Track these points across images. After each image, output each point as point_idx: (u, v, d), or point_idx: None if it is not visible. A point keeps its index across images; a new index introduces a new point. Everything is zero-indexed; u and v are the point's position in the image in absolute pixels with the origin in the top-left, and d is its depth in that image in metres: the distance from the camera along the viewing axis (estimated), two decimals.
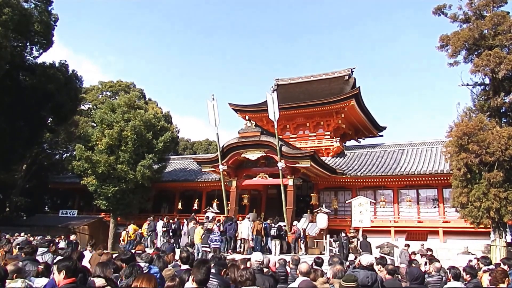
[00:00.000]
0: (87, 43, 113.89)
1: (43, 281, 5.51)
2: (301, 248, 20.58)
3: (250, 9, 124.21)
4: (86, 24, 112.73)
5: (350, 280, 5.36)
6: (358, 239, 19.34)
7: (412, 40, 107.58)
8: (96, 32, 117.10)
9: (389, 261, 9.43)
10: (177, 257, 9.66)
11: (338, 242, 18.90)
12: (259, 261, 6.37)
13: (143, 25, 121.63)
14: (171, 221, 21.97)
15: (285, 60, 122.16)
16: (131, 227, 22.27)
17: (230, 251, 18.86)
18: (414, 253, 17.84)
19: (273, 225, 19.75)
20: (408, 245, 18.67)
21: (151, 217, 23.27)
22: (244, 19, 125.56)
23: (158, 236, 21.80)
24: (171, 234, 21.12)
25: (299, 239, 20.51)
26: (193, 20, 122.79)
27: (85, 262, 8.66)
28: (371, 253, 17.60)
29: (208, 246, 16.71)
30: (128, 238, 21.73)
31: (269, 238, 19.72)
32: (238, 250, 19.66)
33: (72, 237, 19.47)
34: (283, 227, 20.25)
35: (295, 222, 21.54)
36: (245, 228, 19.52)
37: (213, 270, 5.35)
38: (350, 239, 18.77)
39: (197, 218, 22.96)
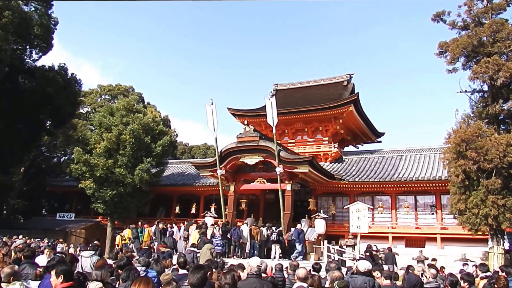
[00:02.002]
0: (87, 46, 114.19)
1: None
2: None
3: (250, 15, 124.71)
4: (86, 27, 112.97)
5: (343, 285, 5.69)
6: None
7: (411, 47, 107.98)
8: (96, 35, 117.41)
9: (385, 267, 9.44)
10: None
11: (368, 253, 18.95)
12: (259, 266, 6.37)
13: (144, 30, 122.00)
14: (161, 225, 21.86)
15: (284, 65, 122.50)
16: (127, 231, 22.20)
17: (235, 256, 19.04)
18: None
19: (274, 229, 19.82)
20: (466, 264, 17.32)
21: (140, 222, 23.25)
22: (244, 25, 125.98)
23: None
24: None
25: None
26: (192, 25, 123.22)
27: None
28: (395, 265, 17.75)
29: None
30: (123, 242, 21.65)
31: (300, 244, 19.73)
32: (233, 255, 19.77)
33: (95, 242, 19.11)
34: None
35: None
36: (244, 233, 19.63)
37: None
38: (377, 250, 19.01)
39: (198, 222, 23.10)
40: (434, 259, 17.66)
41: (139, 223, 23.07)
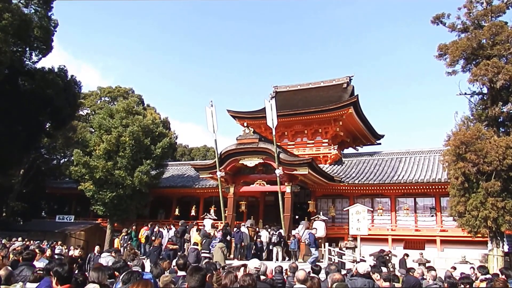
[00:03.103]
0: (88, 47, 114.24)
1: None
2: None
3: (250, 18, 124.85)
4: (87, 29, 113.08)
5: (342, 286, 5.78)
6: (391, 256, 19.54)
7: (411, 49, 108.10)
8: (97, 37, 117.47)
9: (384, 270, 9.45)
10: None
11: (378, 259, 18.88)
12: (258, 268, 6.38)
13: (144, 32, 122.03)
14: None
15: (283, 67, 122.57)
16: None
17: (237, 257, 19.08)
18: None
19: (274, 231, 19.84)
20: (454, 268, 16.51)
21: (133, 225, 23.19)
22: (244, 27, 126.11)
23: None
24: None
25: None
26: (193, 28, 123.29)
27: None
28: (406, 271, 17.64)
29: (208, 252, 16.83)
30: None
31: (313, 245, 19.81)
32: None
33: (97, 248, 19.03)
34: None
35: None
36: (245, 235, 19.77)
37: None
38: (388, 255, 18.87)
39: (199, 224, 23.21)
40: (453, 267, 17.42)
41: (133, 227, 23.01)
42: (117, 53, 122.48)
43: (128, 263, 8.17)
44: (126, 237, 21.38)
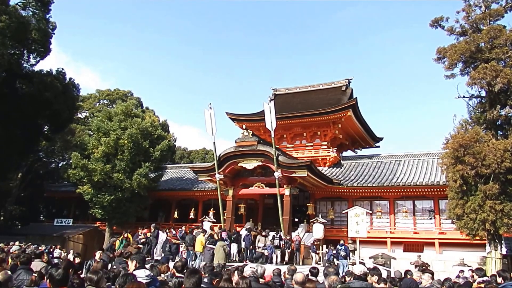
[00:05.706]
0: (87, 50, 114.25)
1: None
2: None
3: (249, 21, 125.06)
4: (87, 32, 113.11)
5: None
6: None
7: (411, 52, 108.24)
8: (97, 40, 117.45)
9: (385, 272, 9.43)
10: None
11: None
12: (254, 270, 6.36)
13: (144, 35, 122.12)
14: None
15: (283, 70, 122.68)
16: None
17: (247, 260, 19.09)
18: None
19: (275, 234, 19.86)
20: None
21: (126, 233, 22.72)
22: (243, 30, 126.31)
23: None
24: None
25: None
26: (192, 31, 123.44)
27: None
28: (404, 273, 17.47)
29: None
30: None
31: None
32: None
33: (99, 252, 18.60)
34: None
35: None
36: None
37: (205, 280, 5.38)
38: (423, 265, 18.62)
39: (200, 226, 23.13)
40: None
41: (125, 234, 22.65)
42: (117, 56, 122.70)
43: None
44: (113, 245, 21.19)
